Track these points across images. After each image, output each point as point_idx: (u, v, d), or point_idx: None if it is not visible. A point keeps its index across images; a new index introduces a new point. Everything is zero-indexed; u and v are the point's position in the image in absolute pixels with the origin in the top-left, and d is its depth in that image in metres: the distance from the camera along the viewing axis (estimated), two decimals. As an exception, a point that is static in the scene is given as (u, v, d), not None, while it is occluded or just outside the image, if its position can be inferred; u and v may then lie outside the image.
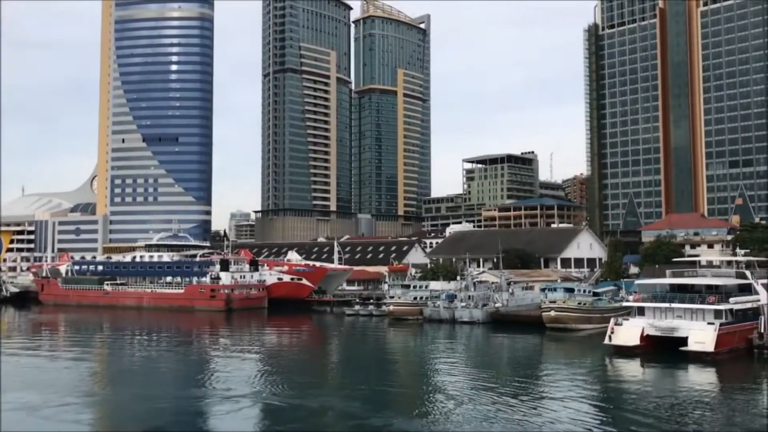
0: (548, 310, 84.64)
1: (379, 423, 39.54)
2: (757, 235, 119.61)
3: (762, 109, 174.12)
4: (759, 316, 64.20)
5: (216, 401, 46.27)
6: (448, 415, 41.11)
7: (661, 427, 38.59)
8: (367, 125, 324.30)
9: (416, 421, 40.25)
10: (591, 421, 40.16)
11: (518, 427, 38.01)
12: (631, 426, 38.85)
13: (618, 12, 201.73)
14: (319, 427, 40.17)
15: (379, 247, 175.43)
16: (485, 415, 40.49)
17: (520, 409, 42.64)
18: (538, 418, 40.16)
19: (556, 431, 37.00)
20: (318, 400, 45.48)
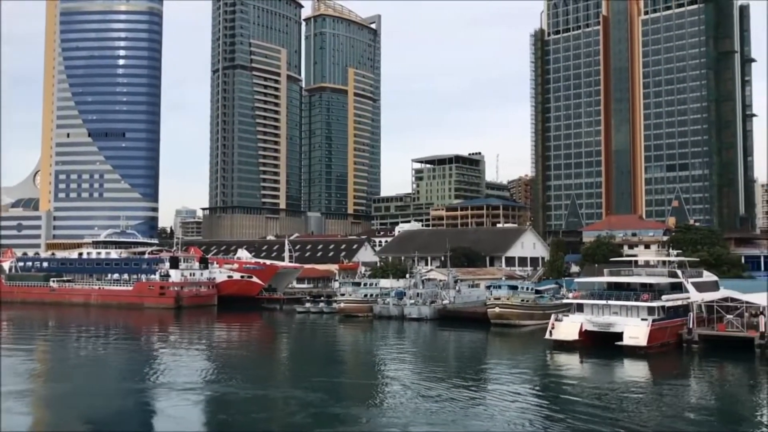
0: (493, 306, 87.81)
1: (339, 411, 42.06)
2: (690, 236, 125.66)
3: (698, 116, 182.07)
4: (688, 313, 68.32)
5: (175, 393, 47.46)
6: (401, 404, 43.43)
7: (597, 415, 41.56)
8: (318, 124, 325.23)
9: (373, 409, 42.77)
10: (532, 410, 42.96)
11: (464, 413, 40.46)
12: (569, 414, 41.74)
13: (563, 18, 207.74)
14: (287, 414, 42.01)
15: (329, 246, 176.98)
16: (434, 404, 42.96)
17: (465, 398, 45.22)
18: (482, 407, 42.72)
19: (500, 420, 39.50)
20: (279, 391, 47.39)
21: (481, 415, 40.69)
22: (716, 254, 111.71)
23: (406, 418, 39.68)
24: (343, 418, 40.46)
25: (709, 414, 43.45)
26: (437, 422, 38.80)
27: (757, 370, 58.64)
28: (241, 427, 39.43)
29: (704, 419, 41.68)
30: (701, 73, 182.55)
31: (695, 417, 41.92)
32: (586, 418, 40.88)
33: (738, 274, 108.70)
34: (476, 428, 37.66)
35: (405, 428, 37.71)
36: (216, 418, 42.05)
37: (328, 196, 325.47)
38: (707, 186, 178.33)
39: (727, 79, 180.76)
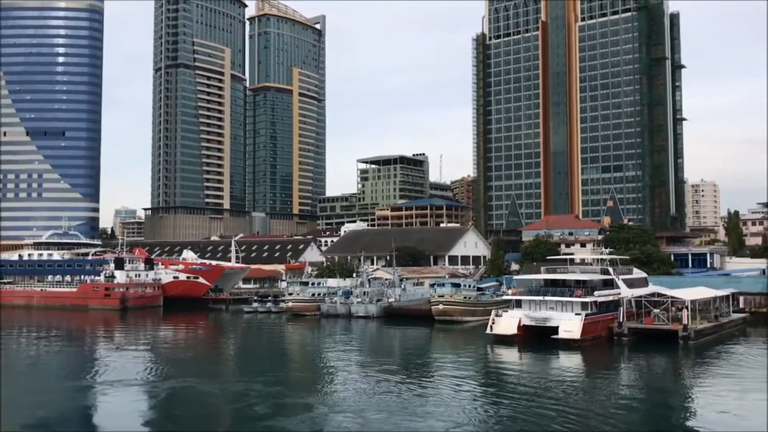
0: (437, 303, 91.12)
1: (299, 400, 44.99)
2: (623, 235, 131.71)
3: (631, 119, 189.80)
4: (619, 307, 72.77)
5: (120, 390, 48.76)
6: (351, 395, 45.94)
7: (534, 403, 44.78)
8: (262, 123, 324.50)
9: (325, 399, 45.39)
10: (475, 398, 45.98)
11: (412, 402, 43.09)
12: (507, 403, 44.88)
13: (504, 23, 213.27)
14: (251, 404, 43.99)
15: (275, 246, 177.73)
16: (384, 394, 45.52)
17: (412, 388, 47.95)
18: (428, 396, 45.46)
19: (445, 407, 42.25)
20: (239, 384, 49.48)
21: (428, 403, 43.44)
22: (647, 252, 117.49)
23: (358, 407, 42.11)
24: (297, 409, 42.67)
25: (638, 399, 47.29)
26: (388, 410, 41.30)
27: (681, 360, 63.20)
28: (191, 420, 41.22)
29: (633, 404, 45.44)
30: (634, 78, 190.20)
31: (625, 402, 45.61)
32: (524, 405, 44.10)
33: (667, 271, 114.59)
34: (425, 414, 40.35)
35: (359, 414, 40.15)
36: (164, 413, 43.68)
37: (272, 196, 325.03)
38: (640, 187, 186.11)
39: (658, 84, 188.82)
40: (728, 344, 69.75)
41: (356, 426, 37.95)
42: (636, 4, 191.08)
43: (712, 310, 77.77)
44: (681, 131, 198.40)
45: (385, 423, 38.36)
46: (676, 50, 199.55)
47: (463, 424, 38.57)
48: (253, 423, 39.74)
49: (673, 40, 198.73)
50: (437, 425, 37.92)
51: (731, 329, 78.09)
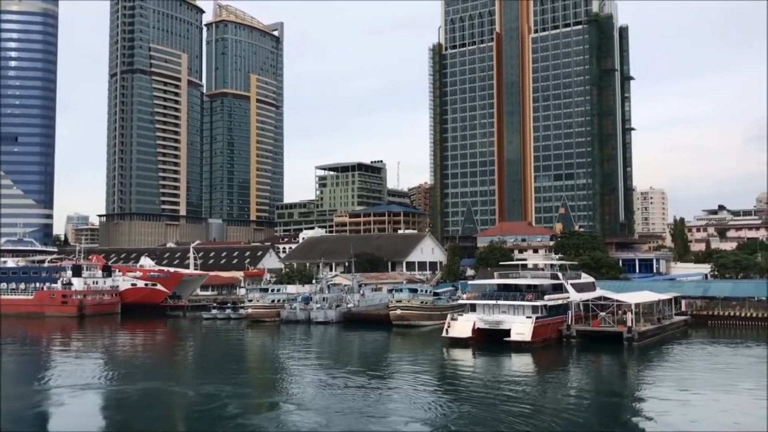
0: (395, 308, 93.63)
1: (261, 401, 47.44)
2: (573, 241, 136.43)
3: (582, 129, 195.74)
4: (568, 311, 76.33)
5: (77, 393, 49.97)
6: (312, 396, 48.05)
7: (487, 401, 47.52)
8: (219, 129, 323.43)
9: (290, 398, 47.64)
10: (429, 399, 48.45)
11: (370, 402, 45.33)
12: (461, 402, 47.54)
13: (459, 34, 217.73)
14: (216, 406, 45.72)
15: (233, 253, 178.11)
16: (343, 395, 47.72)
17: (369, 389, 50.24)
18: (386, 397, 47.75)
19: (402, 407, 44.59)
20: (210, 387, 51.18)
21: (387, 402, 45.77)
22: (596, 258, 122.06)
23: (319, 407, 44.20)
24: (259, 409, 44.61)
25: (585, 397, 50.44)
26: (349, 408, 43.48)
27: (625, 360, 66.82)
28: (151, 422, 42.86)
29: (581, 402, 48.55)
30: (585, 89, 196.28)
31: (573, 400, 48.66)
32: (477, 403, 46.84)
33: (615, 276, 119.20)
34: (384, 412, 42.65)
35: (321, 413, 42.24)
36: (123, 415, 45.20)
37: (230, 203, 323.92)
38: (591, 194, 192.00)
39: (608, 95, 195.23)
40: (670, 345, 73.75)
41: (318, 425, 40.05)
42: (587, 17, 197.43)
43: (655, 313, 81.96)
44: (630, 140, 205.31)
45: (345, 421, 40.56)
46: (625, 62, 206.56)
47: (420, 420, 41.03)
48: (217, 423, 41.54)
49: (622, 53, 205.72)
50: (395, 422, 40.25)
51: (673, 331, 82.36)
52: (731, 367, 59.33)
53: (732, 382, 52.63)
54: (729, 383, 52.00)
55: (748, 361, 62.45)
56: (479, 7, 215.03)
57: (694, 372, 58.38)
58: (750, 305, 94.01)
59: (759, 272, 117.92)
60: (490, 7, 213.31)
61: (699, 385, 51.64)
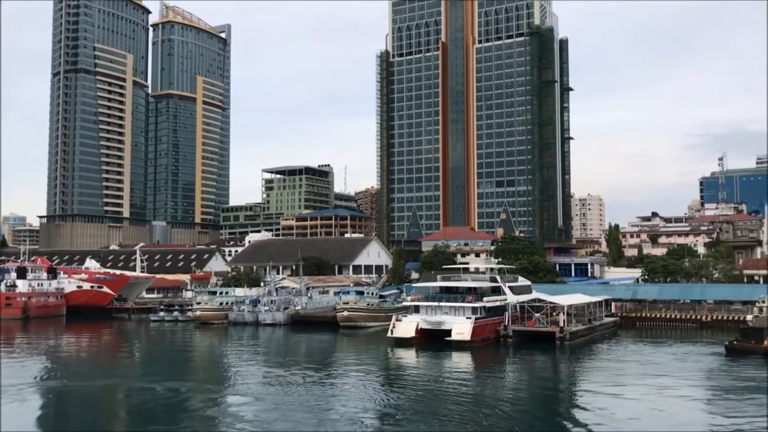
0: (342, 310, 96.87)
1: (222, 395, 50.74)
2: (513, 246, 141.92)
3: (523, 137, 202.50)
4: (505, 312, 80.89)
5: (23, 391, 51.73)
6: (265, 391, 50.92)
7: (429, 396, 51.21)
8: (164, 131, 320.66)
9: (246, 392, 50.37)
10: (375, 394, 51.88)
11: (318, 399, 48.39)
12: (406, 397, 51.08)
13: (406, 42, 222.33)
14: (191, 397, 48.01)
15: (179, 255, 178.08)
16: (291, 392, 50.70)
17: (316, 386, 53.39)
18: (333, 394, 50.87)
19: (349, 403, 47.77)
20: (171, 383, 53.95)
21: (334, 398, 49.00)
22: (534, 262, 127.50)
23: (269, 401, 47.12)
24: (210, 403, 47.28)
25: (520, 391, 54.79)
26: (297, 404, 46.54)
27: (557, 357, 71.58)
28: (97, 419, 45.15)
29: (516, 394, 52.85)
30: (526, 99, 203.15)
31: (510, 393, 52.90)
32: (420, 397, 50.55)
33: (552, 280, 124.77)
34: (330, 407, 45.83)
35: (276, 404, 45.18)
36: (64, 413, 47.24)
37: (174, 205, 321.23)
38: (531, 200, 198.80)
39: (548, 105, 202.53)
40: (599, 344, 79.00)
41: (269, 417, 42.97)
42: (529, 29, 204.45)
43: (586, 315, 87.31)
44: (568, 149, 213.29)
45: (295, 413, 43.61)
46: (564, 73, 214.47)
47: (366, 410, 44.40)
48: (172, 417, 44.11)
49: (562, 65, 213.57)
50: (343, 414, 43.50)
51: (603, 331, 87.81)
52: (652, 364, 64.48)
53: (651, 376, 57.59)
54: (649, 377, 56.93)
55: (667, 359, 67.80)
56: (426, 17, 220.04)
57: (617, 368, 63.33)
58: (675, 308, 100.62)
59: (685, 276, 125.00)
60: (436, 17, 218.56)
61: (621, 380, 56.45)
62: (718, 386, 53.77)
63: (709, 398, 49.37)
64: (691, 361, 65.60)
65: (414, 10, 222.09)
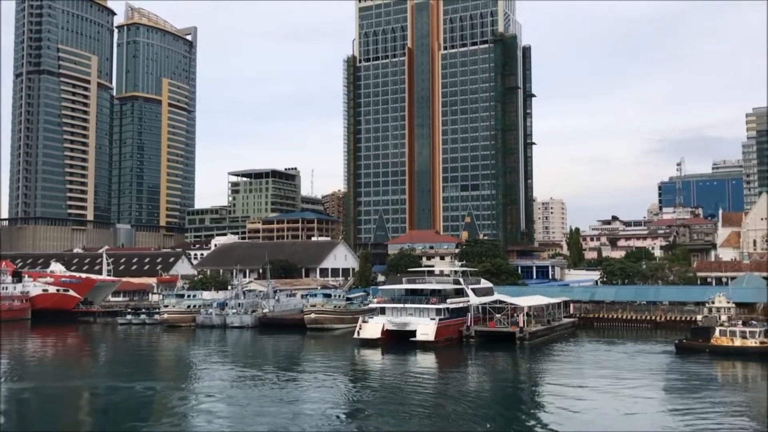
0: (309, 313, 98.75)
1: (199, 393, 52.72)
2: (477, 249, 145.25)
3: (487, 142, 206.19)
4: (468, 313, 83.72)
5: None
6: (234, 389, 52.75)
7: (394, 393, 53.51)
8: (129, 133, 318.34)
9: (215, 390, 52.00)
10: (342, 393, 54.10)
11: (285, 399, 50.32)
12: (371, 394, 53.36)
13: (373, 47, 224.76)
14: (162, 396, 49.44)
15: (145, 259, 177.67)
16: (260, 390, 52.63)
17: (282, 387, 55.37)
18: (300, 393, 52.78)
19: (315, 402, 49.82)
20: (141, 383, 55.44)
21: (301, 396, 51.06)
22: (497, 265, 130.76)
23: (239, 402, 48.99)
24: (179, 404, 49.00)
25: (482, 388, 57.47)
26: (266, 401, 48.52)
27: (517, 357, 74.53)
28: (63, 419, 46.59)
29: (477, 391, 55.55)
30: (490, 105, 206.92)
31: (472, 389, 55.55)
32: (385, 394, 52.86)
33: (514, 282, 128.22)
34: (298, 404, 47.89)
35: (246, 404, 47.07)
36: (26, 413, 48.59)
37: (138, 208, 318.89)
38: (494, 204, 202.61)
39: (511, 111, 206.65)
40: (557, 344, 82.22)
41: (239, 414, 44.88)
42: (493, 37, 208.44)
43: (545, 315, 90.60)
44: (531, 154, 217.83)
45: (264, 411, 45.59)
46: (527, 80, 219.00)
47: (335, 406, 46.57)
48: (143, 415, 45.79)
49: (524, 72, 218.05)
50: (310, 411, 45.59)
51: (561, 332, 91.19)
52: (605, 362, 67.80)
53: (604, 373, 60.75)
54: (601, 375, 60.08)
55: (621, 357, 71.23)
56: (392, 23, 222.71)
57: (573, 366, 66.56)
58: (631, 309, 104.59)
59: (642, 278, 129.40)
60: (403, 23, 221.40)
61: (576, 377, 59.54)
62: (666, 382, 57.18)
63: (656, 393, 52.56)
64: (643, 360, 69.03)
65: (380, 15, 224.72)
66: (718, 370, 63.84)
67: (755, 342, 67.66)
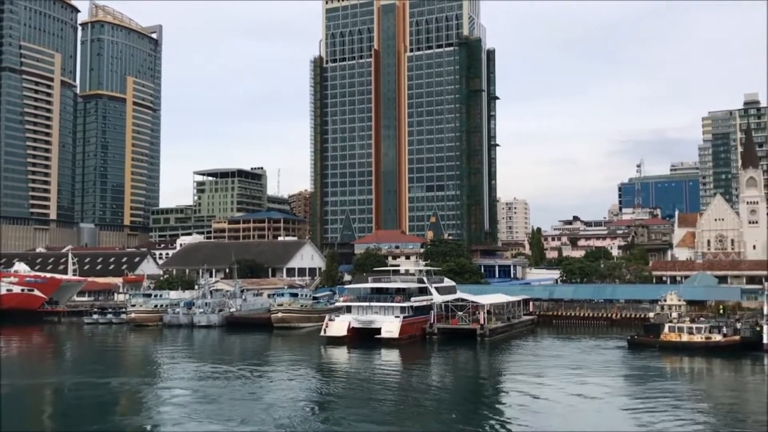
0: (276, 312, 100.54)
1: (168, 387, 54.83)
2: (441, 248, 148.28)
3: (452, 144, 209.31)
4: (431, 311, 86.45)
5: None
6: (202, 385, 54.51)
7: (359, 388, 55.83)
8: (93, 131, 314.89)
9: (187, 387, 53.65)
10: (310, 389, 56.24)
11: (252, 395, 52.03)
12: (337, 389, 55.62)
13: (339, 48, 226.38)
14: (131, 391, 50.96)
15: (110, 258, 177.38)
16: (229, 388, 54.46)
17: (253, 382, 57.31)
18: (266, 390, 54.57)
19: (281, 399, 51.66)
20: (119, 379, 56.99)
21: (271, 393, 53.04)
22: (461, 264, 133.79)
23: (209, 398, 50.82)
24: (152, 400, 50.68)
25: (445, 382, 60.17)
26: (234, 397, 50.42)
27: (478, 353, 77.46)
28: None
29: (441, 386, 58.13)
30: (455, 107, 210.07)
31: (435, 386, 58.08)
32: (350, 389, 55.15)
33: (477, 281, 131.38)
34: (264, 398, 49.91)
35: (216, 398, 48.92)
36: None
37: (102, 207, 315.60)
38: (459, 205, 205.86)
39: (475, 113, 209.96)
40: (517, 340, 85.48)
41: (207, 409, 46.75)
42: (458, 39, 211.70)
43: (506, 313, 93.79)
44: (495, 156, 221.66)
45: (234, 406, 47.51)
46: (491, 83, 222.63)
47: (303, 399, 48.71)
48: (115, 408, 47.41)
49: (489, 74, 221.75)
50: (277, 406, 47.66)
51: (521, 329, 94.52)
52: (561, 357, 71.07)
53: (558, 366, 63.86)
54: (556, 368, 63.18)
55: (576, 352, 74.59)
56: (359, 24, 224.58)
57: (529, 360, 69.73)
58: (588, 306, 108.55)
59: (600, 277, 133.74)
60: (369, 24, 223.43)
61: (532, 370, 62.61)
62: (617, 374, 60.54)
63: (607, 385, 55.68)
64: (597, 355, 72.46)
65: (347, 17, 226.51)
66: (665, 363, 67.48)
67: (701, 338, 71.51)
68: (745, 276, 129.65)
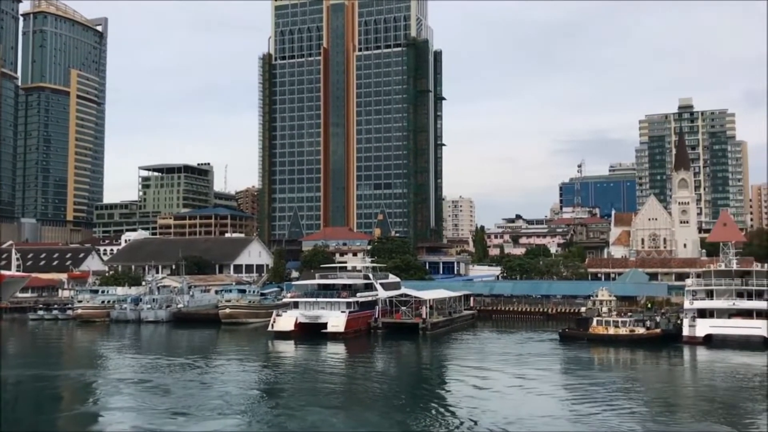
0: (224, 308, 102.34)
1: (121, 377, 57.36)
2: (388, 246, 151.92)
3: (399, 143, 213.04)
4: (376, 306, 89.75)
5: None
6: (150, 378, 56.51)
7: (310, 378, 58.66)
8: (35, 124, 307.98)
9: (144, 377, 55.71)
10: (260, 379, 58.82)
11: (198, 390, 53.79)
12: (289, 378, 58.34)
13: (289, 46, 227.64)
14: (78, 383, 52.59)
15: (53, 254, 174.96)
16: (181, 379, 56.63)
17: (205, 373, 59.56)
18: (213, 384, 56.09)
19: (229, 392, 53.79)
20: (73, 370, 58.29)
21: (222, 383, 55.39)
22: (406, 261, 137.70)
23: (162, 388, 52.94)
24: (96, 390, 52.60)
25: (389, 371, 63.54)
26: (179, 391, 52.63)
27: (420, 345, 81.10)
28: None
29: (385, 375, 61.48)
30: (403, 107, 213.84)
31: (381, 375, 61.38)
32: (297, 380, 57.93)
33: (421, 277, 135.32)
34: (221, 391, 52.26)
35: (168, 391, 51.06)
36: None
37: (44, 202, 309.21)
38: (406, 203, 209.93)
39: (422, 113, 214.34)
40: (457, 333, 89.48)
41: (156, 400, 48.91)
42: (405, 41, 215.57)
43: (447, 308, 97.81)
44: (441, 155, 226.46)
45: (187, 395, 49.82)
46: (438, 83, 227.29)
47: (254, 388, 51.30)
48: (61, 400, 49.20)
49: (436, 75, 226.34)
50: (233, 393, 50.15)
51: (462, 323, 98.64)
52: (497, 347, 75.32)
53: (494, 356, 67.96)
54: (492, 359, 67.23)
55: (511, 345, 78.99)
56: (308, 22, 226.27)
57: (468, 352, 73.70)
58: (526, 302, 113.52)
59: (539, 274, 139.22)
60: (318, 23, 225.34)
61: (471, 359, 66.56)
62: (546, 364, 64.90)
63: (536, 373, 59.87)
64: (530, 347, 76.91)
65: (296, 15, 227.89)
66: (592, 354, 72.31)
67: (625, 330, 76.69)
68: (675, 273, 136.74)
